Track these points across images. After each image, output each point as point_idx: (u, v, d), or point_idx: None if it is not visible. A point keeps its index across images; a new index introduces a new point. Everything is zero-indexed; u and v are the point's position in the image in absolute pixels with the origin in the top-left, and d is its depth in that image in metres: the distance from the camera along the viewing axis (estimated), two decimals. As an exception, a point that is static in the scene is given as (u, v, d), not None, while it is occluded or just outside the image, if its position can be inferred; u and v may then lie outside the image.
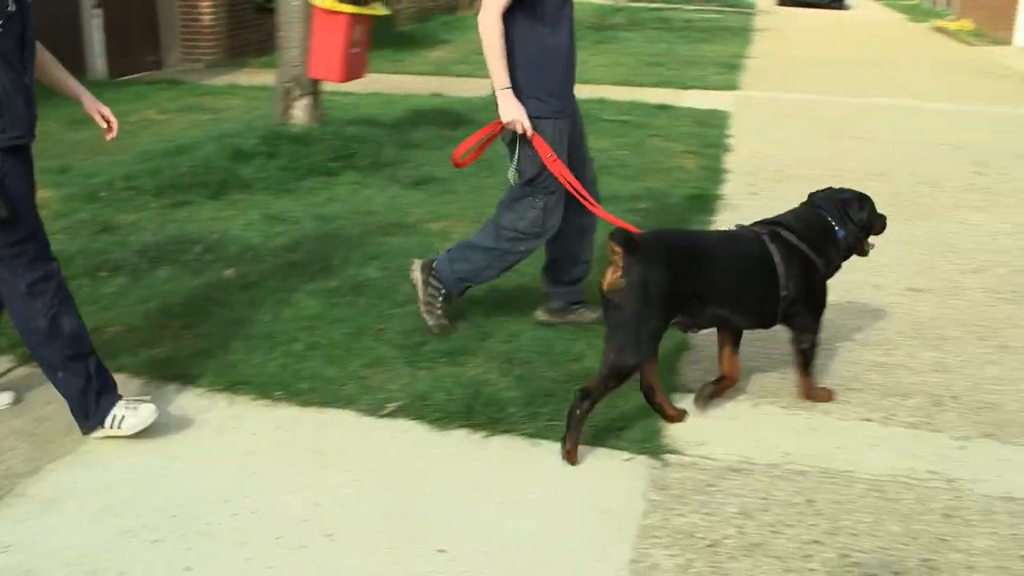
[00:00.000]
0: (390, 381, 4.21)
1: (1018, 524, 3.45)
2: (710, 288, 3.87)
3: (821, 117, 10.89)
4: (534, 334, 4.69)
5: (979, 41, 20.51)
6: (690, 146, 8.85)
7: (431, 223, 6.38)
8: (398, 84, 11.72)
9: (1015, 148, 9.39)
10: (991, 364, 4.72)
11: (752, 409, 4.18)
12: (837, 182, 7.81)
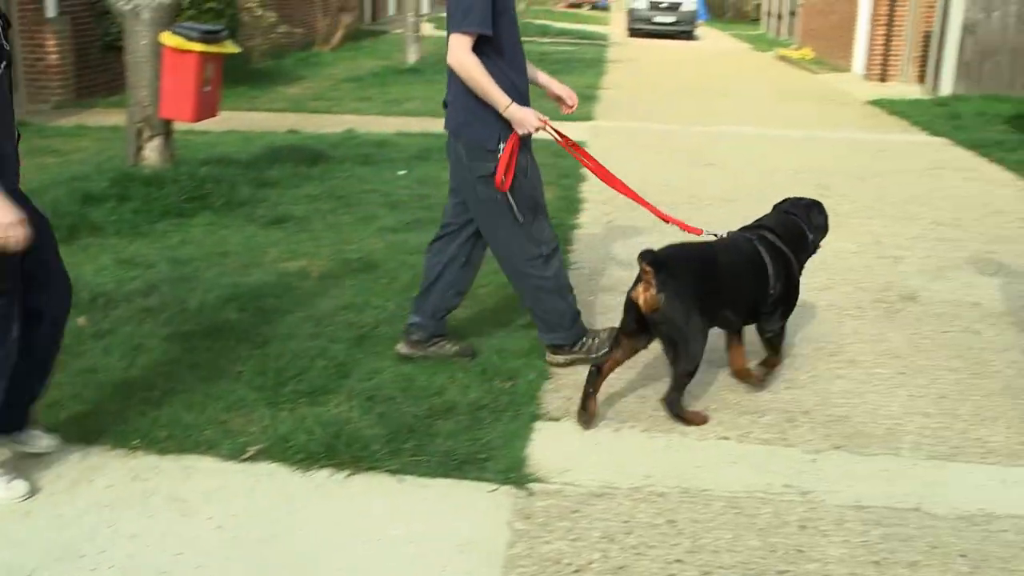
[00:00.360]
0: (250, 424, 4.15)
1: (868, 531, 3.60)
2: (723, 291, 4.34)
3: (674, 145, 11.17)
4: (395, 370, 4.69)
5: (820, 69, 21.36)
6: (546, 177, 8.77)
7: (289, 262, 6.33)
8: (253, 122, 11.60)
9: (855, 171, 9.80)
10: (839, 379, 4.92)
11: (614, 434, 4.26)
12: (691, 208, 8.12)
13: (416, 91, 14.75)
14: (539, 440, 4.15)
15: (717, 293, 4.30)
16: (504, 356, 4.88)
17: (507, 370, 4.71)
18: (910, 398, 4.74)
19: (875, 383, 4.89)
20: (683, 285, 4.13)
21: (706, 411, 4.46)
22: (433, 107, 13.06)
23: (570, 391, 4.61)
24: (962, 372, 5.07)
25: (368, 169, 9.00)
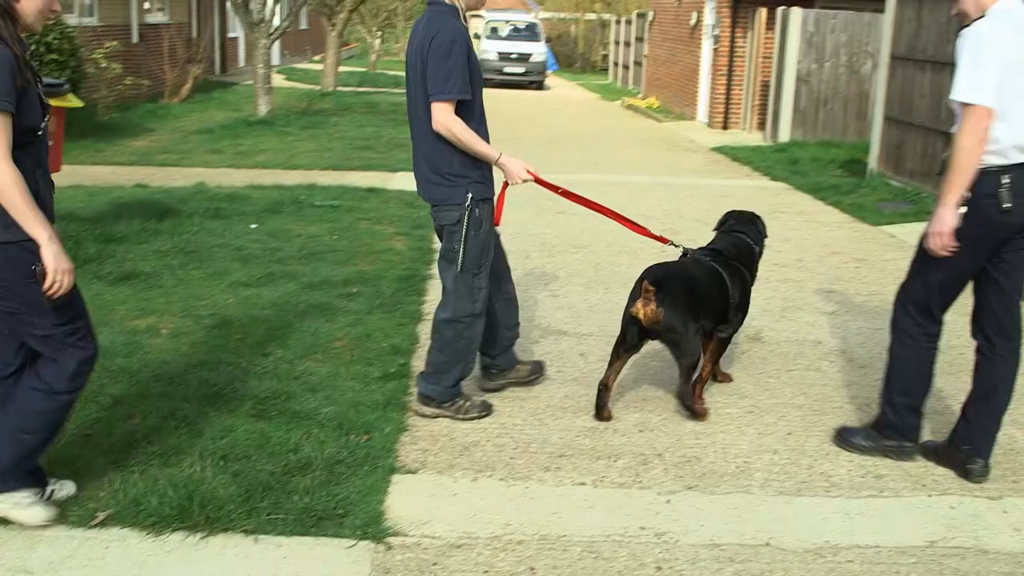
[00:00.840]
0: (100, 489, 4.01)
1: (722, 569, 3.69)
2: (702, 302, 4.97)
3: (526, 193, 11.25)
4: (250, 427, 4.61)
5: (666, 117, 22.00)
6: (400, 228, 9.00)
7: (138, 320, 6.17)
8: (99, 176, 11.28)
9: (698, 215, 10.10)
10: (689, 420, 5.04)
11: (471, 484, 4.27)
12: (544, 255, 8.22)
13: (268, 143, 14.61)
14: (397, 493, 4.13)
15: (699, 304, 4.95)
16: (360, 410, 4.85)
17: (363, 424, 4.68)
18: (758, 436, 4.90)
19: (725, 423, 5.03)
20: (677, 298, 4.82)
21: (550, 460, 4.52)
22: (284, 159, 13.01)
23: (427, 443, 4.62)
24: (806, 409, 5.26)
25: (219, 223, 8.86)
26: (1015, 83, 4.11)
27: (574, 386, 5.43)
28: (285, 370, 5.35)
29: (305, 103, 20.82)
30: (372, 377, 5.33)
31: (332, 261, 7.67)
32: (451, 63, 4.48)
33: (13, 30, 3.36)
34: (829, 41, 16.69)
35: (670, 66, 23.95)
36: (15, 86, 3.31)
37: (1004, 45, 4.09)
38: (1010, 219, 4.17)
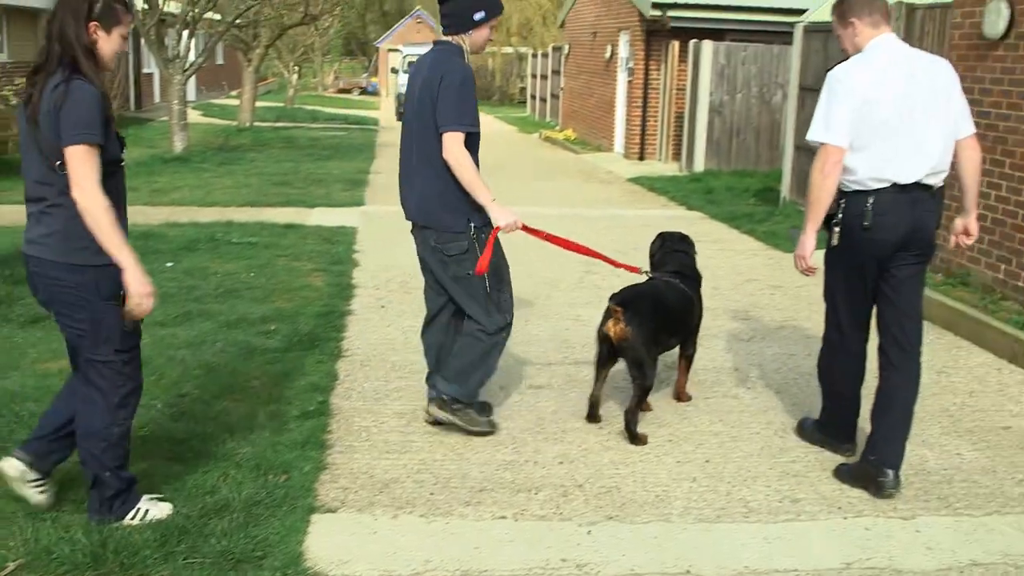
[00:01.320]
0: (9, 537, 3.91)
1: (642, 599, 3.71)
2: (668, 322, 5.36)
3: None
4: (164, 470, 4.54)
5: (583, 149, 22.22)
6: (318, 264, 8.95)
7: (50, 363, 6.03)
8: (7, 215, 11.01)
9: (616, 245, 10.19)
10: (609, 450, 5.08)
11: (391, 521, 4.25)
12: (462, 289, 8.19)
13: (184, 180, 14.46)
14: (316, 533, 4.09)
15: (663, 323, 5.30)
16: (278, 449, 4.80)
17: (281, 463, 4.64)
18: (677, 464, 4.94)
19: (643, 452, 5.07)
20: (644, 319, 5.14)
21: (471, 495, 4.53)
22: (201, 196, 12.87)
23: (347, 481, 4.59)
24: (724, 436, 5.33)
25: (133, 262, 8.73)
26: (871, 120, 4.46)
27: (495, 419, 5.43)
28: (201, 411, 5.28)
29: (222, 139, 20.65)
30: (290, 416, 5.28)
31: (249, 299, 7.60)
32: (463, 98, 4.76)
33: (96, 70, 3.70)
34: (740, 73, 17.05)
35: (586, 99, 24.22)
36: (103, 122, 3.63)
37: (858, 88, 4.47)
38: (876, 236, 4.53)
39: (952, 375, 6.53)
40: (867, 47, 4.62)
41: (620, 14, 20.81)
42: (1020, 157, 7.70)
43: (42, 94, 3.66)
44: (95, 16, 3.72)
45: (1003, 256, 7.91)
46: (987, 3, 8.01)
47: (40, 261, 3.78)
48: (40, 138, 3.66)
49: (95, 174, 3.61)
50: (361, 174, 16.13)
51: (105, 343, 3.82)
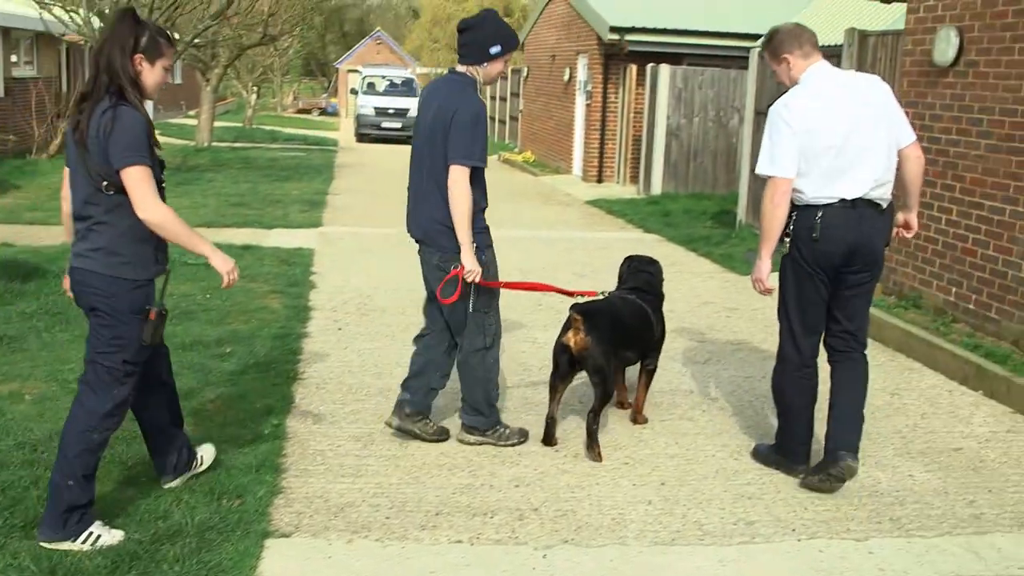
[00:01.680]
0: (-44, 565, 3.86)
1: (597, 623, 3.71)
2: (625, 335, 5.53)
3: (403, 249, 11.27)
4: (116, 495, 4.49)
5: (542, 171, 22.29)
6: (274, 286, 8.91)
7: (1, 385, 5.96)
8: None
9: (575, 268, 10.25)
10: (565, 473, 5.08)
11: (347, 546, 4.22)
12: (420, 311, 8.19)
13: (139, 200, 14.32)
14: (270, 558, 4.06)
15: (622, 336, 5.47)
16: (232, 473, 4.77)
17: (235, 487, 4.60)
18: (633, 487, 4.96)
19: (600, 475, 5.08)
20: (603, 329, 5.29)
21: (427, 519, 4.52)
22: (157, 217, 12.75)
23: (301, 505, 4.56)
24: (679, 459, 5.36)
25: (87, 283, 8.63)
26: (815, 147, 4.77)
27: (451, 443, 5.43)
28: (155, 434, 5.22)
29: (179, 159, 20.52)
30: (245, 439, 5.24)
31: (205, 321, 7.54)
32: (475, 134, 4.97)
33: (140, 98, 4.00)
34: (697, 97, 17.20)
35: (545, 121, 24.32)
36: (149, 144, 3.94)
37: (798, 119, 4.79)
38: (824, 247, 4.83)
39: (904, 397, 6.60)
40: (802, 77, 4.93)
41: (579, 37, 20.95)
42: (970, 182, 7.83)
43: (89, 120, 3.91)
44: (140, 49, 4.01)
45: (954, 279, 8.03)
46: (937, 31, 8.16)
47: (84, 272, 4.06)
48: (88, 161, 3.92)
49: (153, 191, 3.92)
50: (319, 195, 16.08)
51: (117, 349, 4.07)
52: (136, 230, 3.97)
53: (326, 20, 62.51)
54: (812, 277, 4.91)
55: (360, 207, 15.18)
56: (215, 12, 19.58)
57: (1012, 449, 5.72)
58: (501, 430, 5.43)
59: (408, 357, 5.57)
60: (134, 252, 4.02)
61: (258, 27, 23.48)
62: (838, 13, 14.82)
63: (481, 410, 5.37)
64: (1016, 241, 7.33)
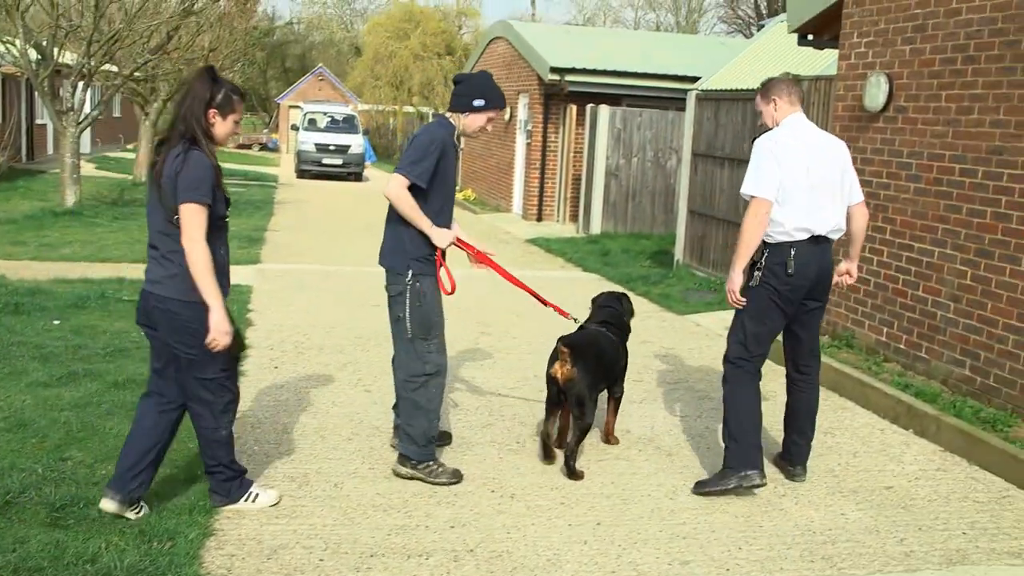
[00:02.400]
0: None
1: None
2: (605, 366, 5.90)
3: (341, 287, 11.28)
4: (43, 538, 4.39)
5: (483, 209, 22.37)
6: (212, 323, 8.80)
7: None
8: None
9: (513, 308, 10.25)
10: (501, 514, 5.08)
11: (279, 588, 4.18)
12: (358, 348, 8.17)
13: (75, 235, 14.15)
14: (201, 601, 4.01)
15: (602, 367, 5.84)
16: (164, 515, 4.70)
17: (166, 530, 4.53)
18: (569, 527, 4.97)
19: (536, 515, 5.08)
20: (588, 361, 5.67)
21: (361, 561, 4.49)
22: (93, 251, 12.60)
23: (234, 547, 4.51)
24: (615, 498, 5.38)
25: (18, 319, 8.50)
26: (794, 180, 5.38)
27: (386, 483, 5.40)
28: (84, 475, 5.14)
29: (116, 193, 20.31)
30: (178, 480, 5.18)
31: (139, 358, 7.43)
32: (423, 154, 5.29)
33: (210, 146, 4.54)
34: (636, 137, 17.40)
35: (486, 159, 24.43)
36: (212, 186, 4.45)
37: (781, 153, 5.41)
38: (796, 281, 5.42)
39: (837, 435, 6.69)
40: (784, 121, 5.60)
41: (520, 77, 21.11)
42: (900, 224, 8.00)
43: (165, 162, 4.46)
44: (215, 104, 4.56)
45: (885, 319, 8.17)
46: (868, 77, 8.35)
47: (161, 298, 4.55)
48: (163, 197, 4.45)
49: (201, 227, 4.42)
50: (258, 231, 15.97)
51: (213, 363, 4.61)
52: None
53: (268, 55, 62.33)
54: (779, 306, 5.48)
55: (299, 244, 15.10)
56: (155, 46, 19.46)
57: (941, 487, 5.82)
58: (433, 467, 5.46)
59: (343, 397, 5.55)
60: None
61: (199, 61, 23.30)
62: (775, 58, 15.11)
63: (417, 440, 5.42)
64: (944, 282, 7.50)
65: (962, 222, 7.34)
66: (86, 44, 16.71)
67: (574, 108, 18.98)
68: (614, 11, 68.45)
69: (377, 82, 45.31)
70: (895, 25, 8.15)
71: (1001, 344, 6.92)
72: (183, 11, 18.79)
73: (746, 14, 51.98)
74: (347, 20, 69.66)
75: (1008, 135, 6.94)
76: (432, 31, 47.07)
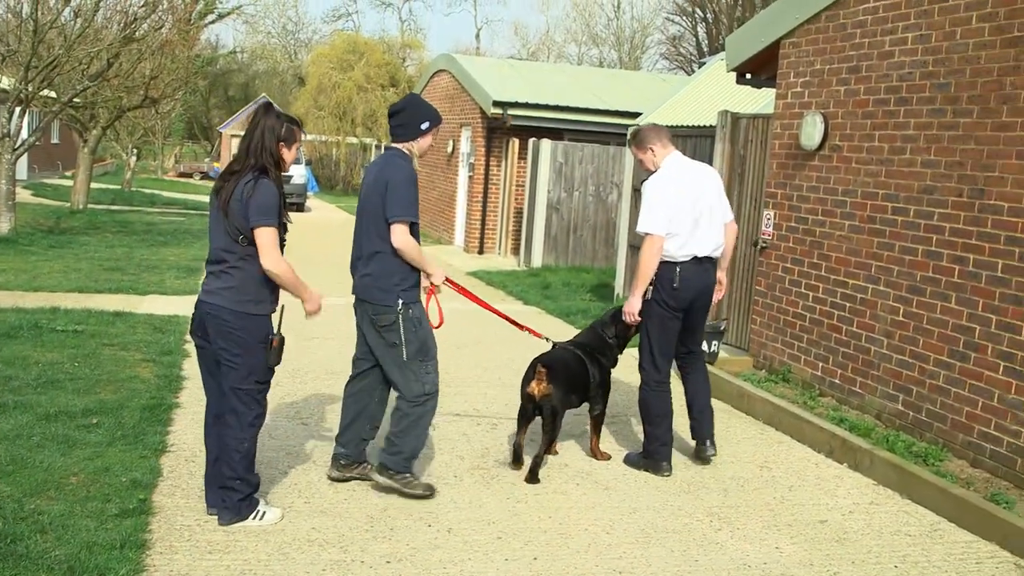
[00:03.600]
0: None
1: None
2: (574, 384, 6.42)
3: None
4: (-31, 574, 4.31)
5: (424, 241, 22.30)
6: (147, 354, 8.70)
7: None
8: None
9: (455, 340, 10.25)
10: (438, 548, 5.05)
11: (211, 625, 4.12)
12: (296, 381, 8.11)
13: (8, 263, 13.91)
14: (130, 639, 3.93)
15: (571, 384, 6.37)
16: (94, 550, 4.61)
17: (96, 566, 4.44)
18: (506, 562, 4.95)
19: (473, 550, 5.07)
20: (560, 379, 6.23)
21: None
22: (26, 280, 12.40)
23: None
24: (552, 533, 5.37)
25: (-53, 350, 8.33)
26: (679, 216, 6.30)
27: (322, 518, 5.36)
28: (12, 510, 5.03)
29: (52, 221, 20.04)
30: (109, 514, 5.08)
31: (72, 390, 7.32)
32: (408, 195, 5.59)
33: (277, 174, 5.07)
34: (578, 171, 17.54)
35: (428, 191, 24.44)
36: (279, 211, 5.01)
37: (666, 193, 6.32)
38: (681, 293, 6.40)
39: (773, 469, 6.76)
40: (664, 163, 6.46)
41: (463, 110, 21.20)
42: (835, 261, 8.13)
43: (233, 189, 4.98)
44: (282, 137, 5.12)
45: (820, 354, 8.29)
46: (804, 116, 8.50)
47: (217, 307, 5.03)
48: (228, 220, 4.97)
49: (276, 245, 5.00)
50: (197, 261, 15.80)
51: (250, 375, 5.07)
52: (260, 274, 5.02)
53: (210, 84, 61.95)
54: (670, 316, 6.45)
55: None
56: (94, 72, 19.27)
57: (874, 521, 5.90)
58: (410, 478, 5.72)
59: (282, 429, 5.49)
60: (257, 292, 5.05)
61: (139, 89, 23.13)
62: (714, 95, 15.32)
63: (404, 453, 5.69)
64: (878, 318, 7.62)
65: (894, 259, 7.49)
66: (24, 69, 16.50)
67: (516, 142, 19.09)
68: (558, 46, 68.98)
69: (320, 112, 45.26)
70: (830, 66, 8.32)
71: (932, 379, 7.05)
72: (124, 38, 18.59)
73: (688, 51, 52.75)
74: (291, 50, 69.58)
75: (938, 175, 7.09)
76: (376, 63, 47.19)
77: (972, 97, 6.85)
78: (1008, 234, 6.47)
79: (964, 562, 5.39)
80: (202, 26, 35.62)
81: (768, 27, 9.21)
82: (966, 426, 6.74)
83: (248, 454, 5.17)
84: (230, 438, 5.12)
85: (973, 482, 6.32)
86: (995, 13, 6.68)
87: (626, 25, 60.80)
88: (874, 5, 7.82)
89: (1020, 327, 6.35)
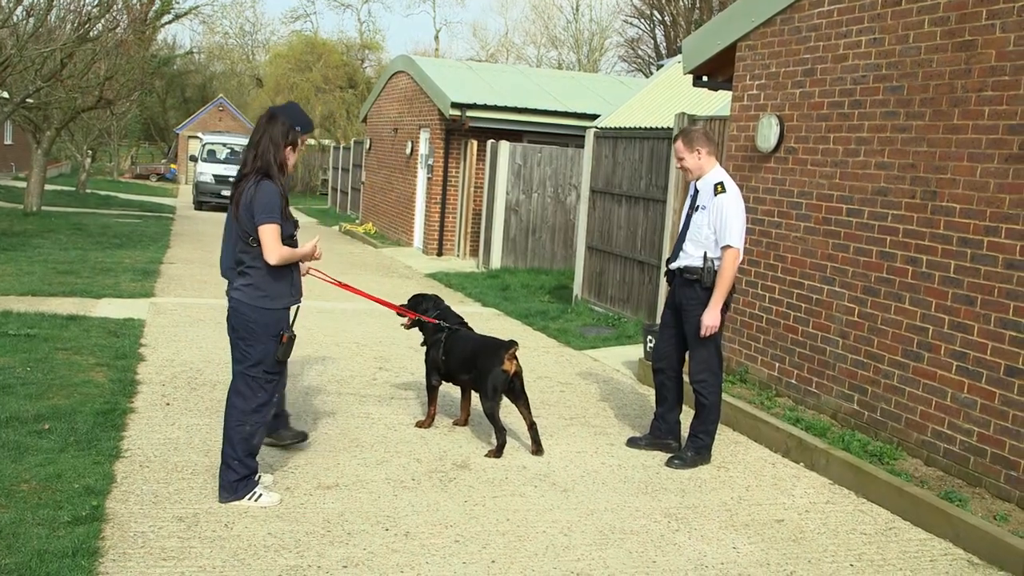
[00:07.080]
0: None
1: None
2: None
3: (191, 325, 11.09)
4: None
5: (383, 243, 22.29)
6: (101, 359, 8.59)
7: None
8: None
9: (411, 342, 10.22)
10: (395, 553, 5.03)
11: (164, 633, 4.07)
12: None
13: (-42, 267, 13.71)
14: (82, 648, 3.88)
15: None
16: (45, 559, 4.54)
17: (48, 575, 4.38)
18: (463, 565, 4.94)
19: (430, 554, 5.04)
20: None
21: None
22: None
23: None
24: (510, 535, 5.36)
25: None
26: None
27: (278, 522, 5.31)
28: (-38, 518, 4.96)
29: (5, 223, 19.75)
30: (61, 522, 5.01)
31: (23, 395, 7.21)
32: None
33: (281, 176, 5.48)
34: (536, 173, 17.55)
35: (387, 193, 24.38)
36: (281, 209, 5.42)
37: (741, 207, 6.68)
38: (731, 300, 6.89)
39: (730, 470, 6.79)
40: (718, 173, 6.78)
41: (421, 112, 21.16)
42: (791, 262, 8.19)
43: (242, 193, 5.41)
44: (288, 142, 5.52)
45: (777, 355, 8.34)
46: (760, 119, 8.56)
47: (238, 302, 5.52)
48: (239, 224, 5.42)
49: (277, 240, 5.38)
50: (153, 264, 15.68)
51: (259, 364, 5.51)
52: (275, 271, 5.45)
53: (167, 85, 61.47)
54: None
55: (195, 277, 14.84)
56: (48, 72, 19.04)
57: (830, 520, 5.94)
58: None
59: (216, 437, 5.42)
60: (272, 288, 5.48)
61: (94, 90, 22.86)
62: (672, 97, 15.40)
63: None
64: (833, 319, 7.69)
65: (849, 260, 7.55)
66: (-25, 70, 16.28)
67: (475, 143, 19.09)
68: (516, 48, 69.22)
69: (278, 114, 44.99)
70: (786, 69, 8.38)
71: (887, 379, 7.11)
72: (78, 38, 18.40)
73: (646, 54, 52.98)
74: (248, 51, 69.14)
75: (892, 177, 7.16)
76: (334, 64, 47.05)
77: (924, 100, 6.92)
78: (960, 235, 6.55)
79: (919, 560, 5.44)
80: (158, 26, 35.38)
81: (724, 30, 9.26)
82: (920, 425, 6.81)
83: (249, 438, 5.49)
84: (233, 417, 5.48)
85: (927, 481, 6.39)
86: (946, 17, 6.76)
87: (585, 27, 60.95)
88: (828, 9, 7.89)
89: (972, 327, 6.43)
